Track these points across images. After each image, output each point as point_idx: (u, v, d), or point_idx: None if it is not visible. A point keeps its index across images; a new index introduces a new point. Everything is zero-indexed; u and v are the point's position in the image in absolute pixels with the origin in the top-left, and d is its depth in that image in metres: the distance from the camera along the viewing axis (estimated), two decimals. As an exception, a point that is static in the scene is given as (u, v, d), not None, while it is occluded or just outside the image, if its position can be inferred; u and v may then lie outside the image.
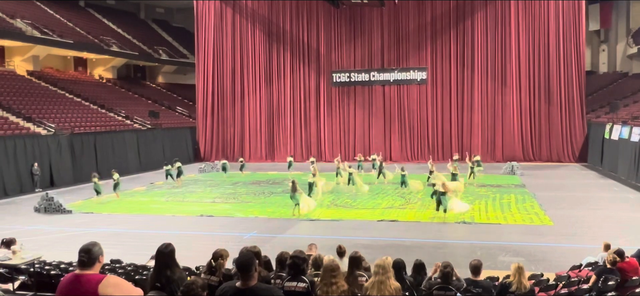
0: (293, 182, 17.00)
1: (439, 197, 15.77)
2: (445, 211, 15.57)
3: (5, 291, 8.16)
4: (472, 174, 23.04)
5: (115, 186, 20.78)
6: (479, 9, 32.37)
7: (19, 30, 31.59)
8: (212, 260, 5.87)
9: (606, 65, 38.17)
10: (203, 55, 36.94)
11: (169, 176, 24.33)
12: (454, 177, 20.00)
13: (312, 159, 27.60)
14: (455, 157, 26.19)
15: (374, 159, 26.40)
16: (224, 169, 27.58)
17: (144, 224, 16.21)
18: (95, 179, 20.37)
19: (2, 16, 31.78)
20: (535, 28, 31.47)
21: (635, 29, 36.23)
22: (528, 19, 31.60)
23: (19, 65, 32.70)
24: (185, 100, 43.08)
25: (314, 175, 19.75)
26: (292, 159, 29.40)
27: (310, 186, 19.33)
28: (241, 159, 29.71)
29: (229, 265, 6.00)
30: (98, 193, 20.27)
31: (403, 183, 21.17)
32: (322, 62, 35.02)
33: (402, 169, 21.69)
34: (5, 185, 22.22)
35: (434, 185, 16.65)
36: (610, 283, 6.95)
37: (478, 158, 26.13)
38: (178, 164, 24.82)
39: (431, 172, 21.95)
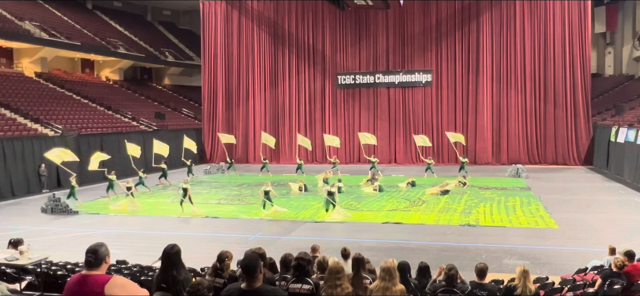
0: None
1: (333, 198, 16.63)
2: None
3: (13, 291, 8.21)
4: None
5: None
6: (484, 12, 32.31)
7: (27, 32, 31.84)
8: (217, 262, 5.91)
9: (612, 67, 37.95)
10: (209, 57, 37.09)
11: (162, 178, 25.37)
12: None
13: (334, 159, 28.27)
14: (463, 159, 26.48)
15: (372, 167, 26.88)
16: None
17: (150, 226, 16.30)
18: (113, 176, 21.09)
19: (11, 18, 32.05)
20: (541, 30, 31.33)
21: (642, 32, 36.05)
22: (533, 21, 31.47)
23: (27, 67, 32.97)
24: (191, 102, 43.25)
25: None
26: (302, 162, 29.08)
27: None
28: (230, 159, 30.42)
29: (233, 266, 6.03)
30: (111, 188, 20.83)
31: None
32: (327, 64, 35.05)
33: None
34: (13, 186, 22.41)
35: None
36: (616, 286, 6.91)
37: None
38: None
39: (428, 167, 23.28)
